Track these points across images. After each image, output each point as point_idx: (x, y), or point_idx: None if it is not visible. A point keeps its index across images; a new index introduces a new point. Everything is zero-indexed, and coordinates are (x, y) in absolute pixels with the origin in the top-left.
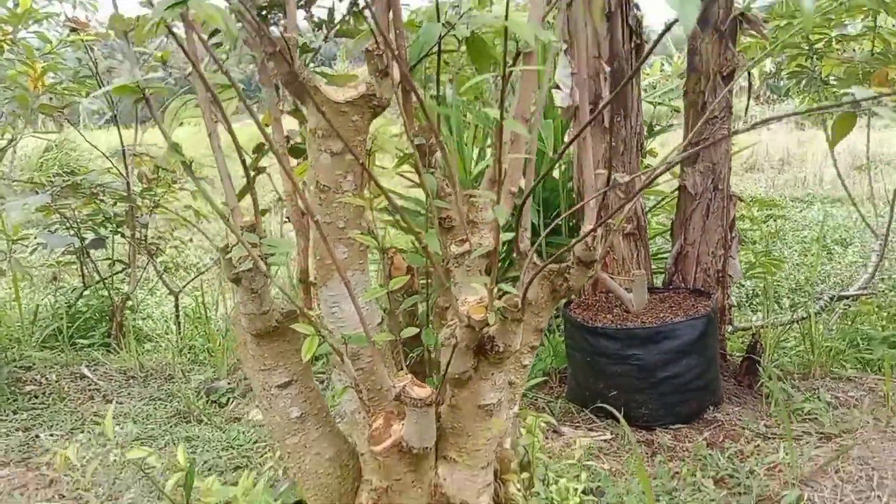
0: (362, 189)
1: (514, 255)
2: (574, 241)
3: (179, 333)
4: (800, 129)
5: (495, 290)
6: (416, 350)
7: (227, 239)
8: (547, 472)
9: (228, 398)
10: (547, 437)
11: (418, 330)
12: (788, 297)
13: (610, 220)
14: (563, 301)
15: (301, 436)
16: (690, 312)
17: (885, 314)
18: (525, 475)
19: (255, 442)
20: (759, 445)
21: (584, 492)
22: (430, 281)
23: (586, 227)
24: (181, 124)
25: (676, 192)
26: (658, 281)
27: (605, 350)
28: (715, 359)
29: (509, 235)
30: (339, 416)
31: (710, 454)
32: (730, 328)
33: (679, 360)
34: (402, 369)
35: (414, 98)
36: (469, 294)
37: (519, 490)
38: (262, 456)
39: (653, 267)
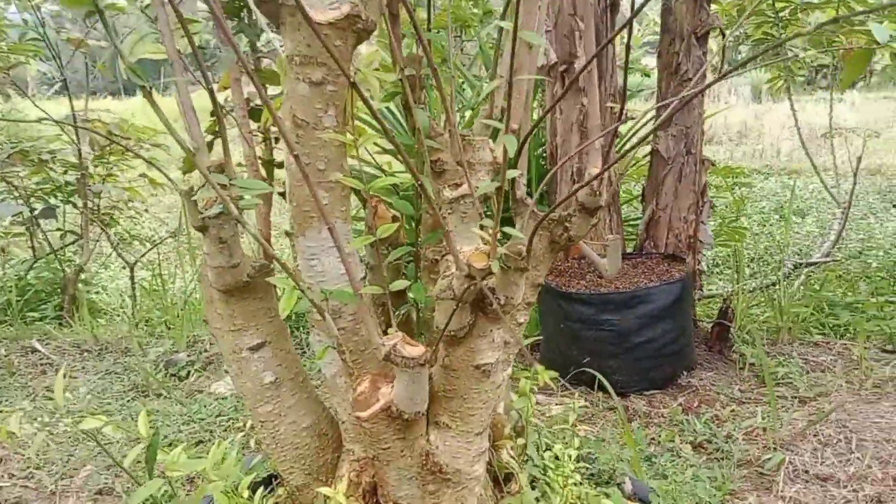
0: (345, 126)
1: (511, 203)
2: (577, 186)
3: (135, 306)
4: (757, 103)
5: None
6: (401, 308)
7: (189, 181)
8: (540, 437)
9: (188, 371)
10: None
11: (408, 283)
12: (749, 267)
13: (616, 166)
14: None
15: (275, 403)
16: (665, 277)
17: (845, 281)
18: (520, 441)
19: (218, 416)
20: (734, 410)
21: (576, 459)
22: (418, 231)
23: (591, 170)
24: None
25: (646, 158)
26: (629, 248)
27: (579, 316)
28: (689, 324)
29: (514, 173)
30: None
31: (686, 419)
32: (697, 294)
33: (653, 325)
34: (390, 326)
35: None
36: (465, 243)
37: (513, 456)
38: (225, 430)
39: (623, 233)
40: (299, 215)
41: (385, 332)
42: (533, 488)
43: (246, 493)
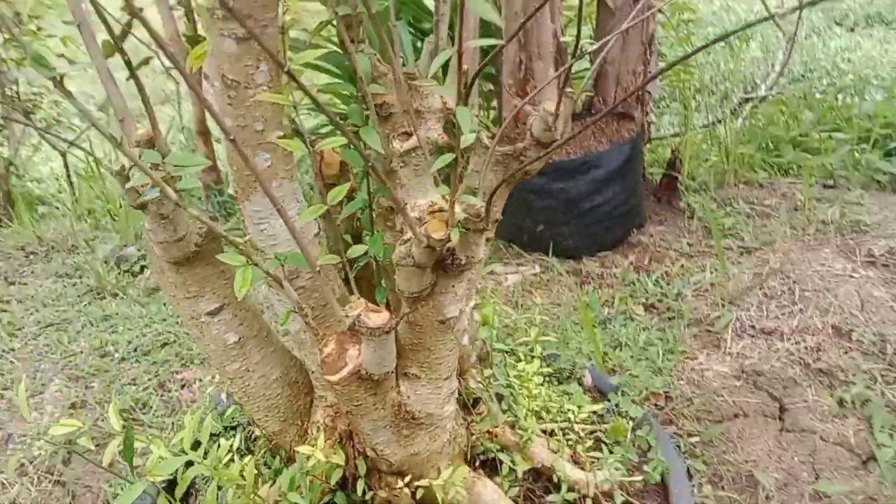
0: (280, 79)
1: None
2: (532, 119)
3: (74, 195)
4: None
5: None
6: (360, 259)
7: (120, 159)
8: (507, 359)
9: (141, 266)
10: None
11: (365, 248)
12: (695, 99)
13: (569, 90)
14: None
15: (242, 361)
16: (615, 139)
17: (790, 112)
18: (487, 372)
19: (178, 315)
20: (683, 265)
21: (539, 369)
22: (370, 177)
23: (546, 104)
24: None
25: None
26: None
27: (531, 186)
28: (639, 183)
29: (472, 138)
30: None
31: (637, 279)
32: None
33: (604, 189)
34: (348, 283)
35: None
36: (419, 196)
37: (479, 381)
38: (188, 331)
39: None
40: (242, 179)
41: (345, 281)
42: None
43: (227, 457)
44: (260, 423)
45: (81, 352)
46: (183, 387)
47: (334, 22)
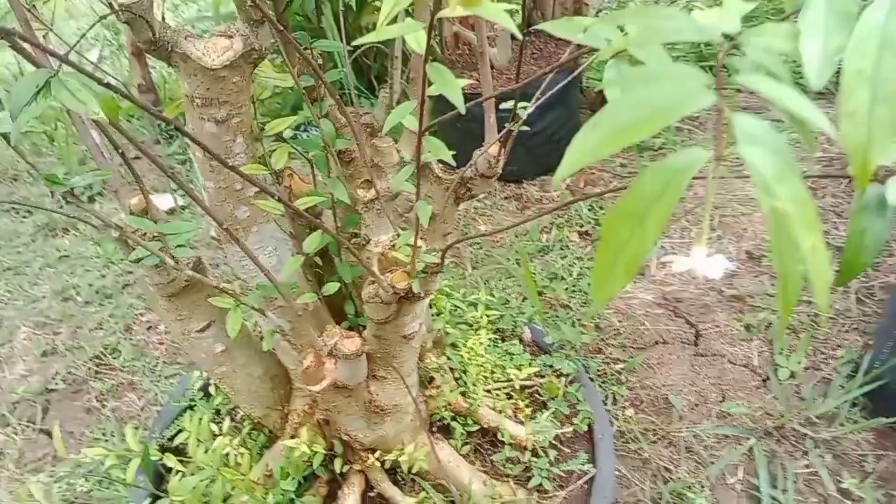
0: (255, 146)
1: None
2: (478, 155)
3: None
4: None
5: (420, 249)
6: (331, 278)
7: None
8: (458, 332)
9: (90, 196)
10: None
11: (338, 286)
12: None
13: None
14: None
15: (228, 364)
16: (554, 61)
17: None
18: (443, 360)
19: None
20: (616, 188)
21: (487, 337)
22: (336, 214)
23: (491, 149)
24: None
25: None
26: (517, 20)
27: (475, 114)
28: (577, 106)
29: (427, 213)
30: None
31: (573, 204)
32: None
33: (546, 114)
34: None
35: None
36: (381, 234)
37: (434, 360)
38: (178, 343)
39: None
40: (224, 229)
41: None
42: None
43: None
44: (245, 410)
45: (44, 297)
46: (149, 328)
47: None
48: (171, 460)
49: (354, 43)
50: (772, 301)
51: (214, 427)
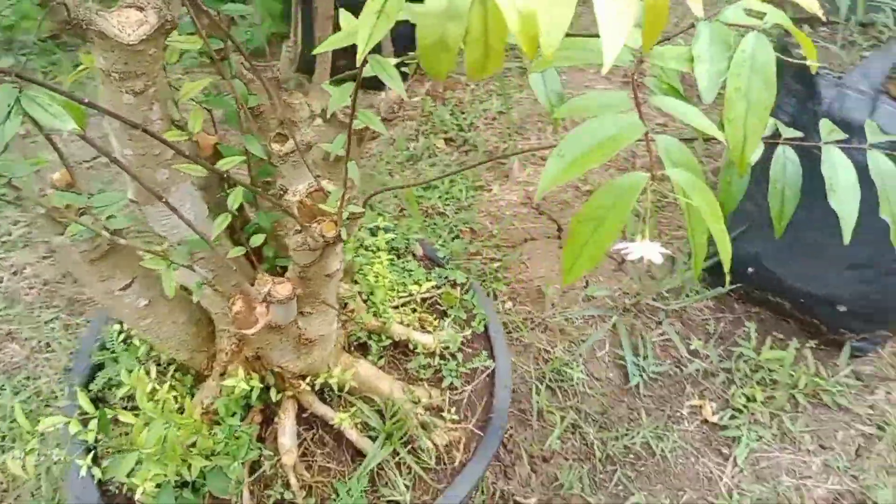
0: (169, 110)
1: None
2: (380, 100)
3: None
4: None
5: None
6: (249, 228)
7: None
8: (364, 255)
9: None
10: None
11: (264, 236)
12: None
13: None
14: None
15: (152, 317)
16: None
17: None
18: (356, 288)
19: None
20: (473, 91)
21: (388, 260)
22: (250, 167)
23: (391, 94)
24: None
25: None
26: None
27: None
28: None
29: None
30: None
31: (434, 109)
32: None
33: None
34: (254, 266)
35: None
36: (298, 183)
37: (347, 288)
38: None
39: None
40: (143, 191)
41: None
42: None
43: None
44: (172, 354)
45: None
46: (15, 273)
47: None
48: (125, 416)
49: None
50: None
51: (125, 373)
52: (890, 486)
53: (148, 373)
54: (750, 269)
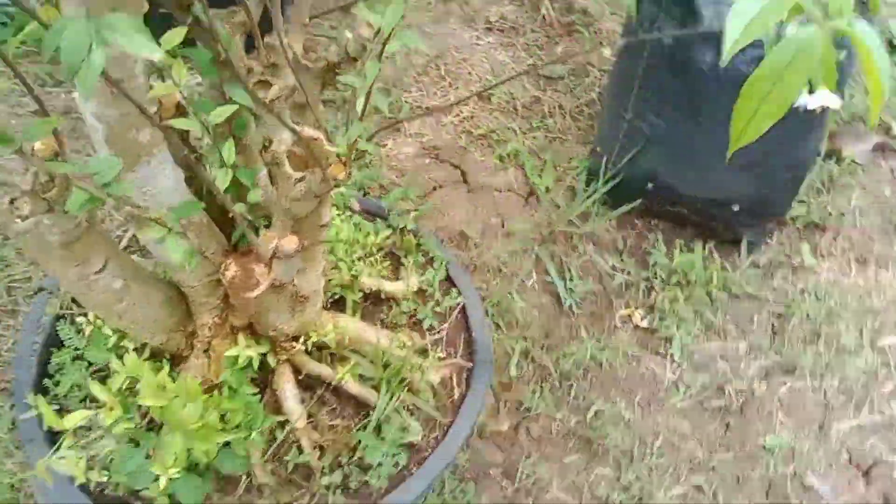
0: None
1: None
2: (345, 38)
3: None
4: None
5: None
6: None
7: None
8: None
9: None
10: None
11: (258, 197)
12: None
13: None
14: None
15: (128, 299)
16: None
17: None
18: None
19: None
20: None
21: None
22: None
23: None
24: None
25: None
26: None
27: None
28: None
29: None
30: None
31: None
32: None
33: None
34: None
35: None
36: (283, 132)
37: None
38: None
39: None
40: (126, 155)
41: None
42: None
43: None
44: (146, 339)
45: None
46: None
47: None
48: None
49: None
50: (512, 133)
51: (117, 363)
52: (809, 353)
53: (121, 360)
54: (649, 185)
